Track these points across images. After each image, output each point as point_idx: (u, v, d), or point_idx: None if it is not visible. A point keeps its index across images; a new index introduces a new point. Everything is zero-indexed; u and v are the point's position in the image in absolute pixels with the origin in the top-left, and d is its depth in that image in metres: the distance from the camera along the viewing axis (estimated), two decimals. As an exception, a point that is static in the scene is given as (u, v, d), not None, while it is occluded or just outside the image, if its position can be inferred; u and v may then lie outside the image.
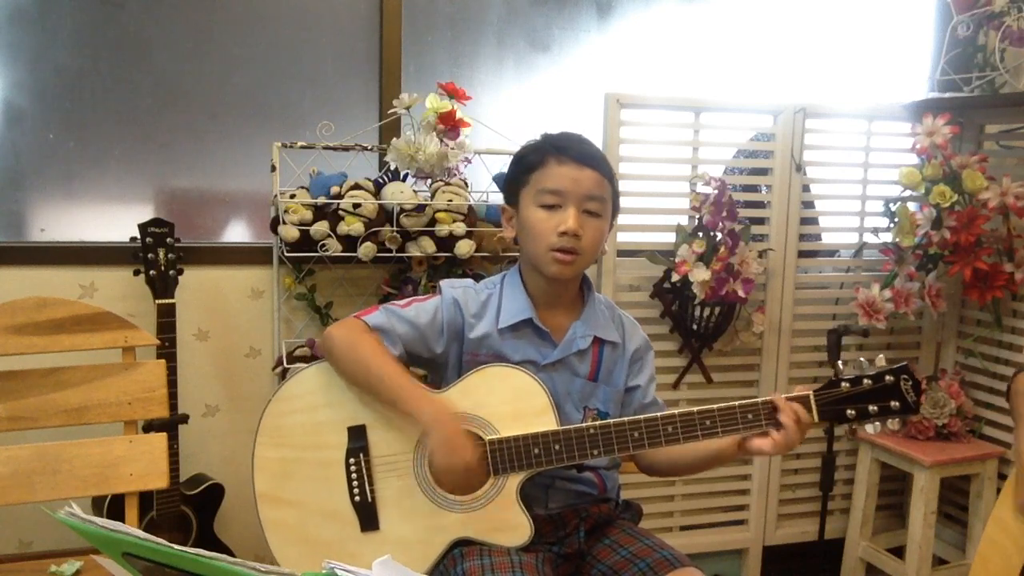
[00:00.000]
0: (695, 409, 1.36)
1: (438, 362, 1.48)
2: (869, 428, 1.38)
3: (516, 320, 1.45)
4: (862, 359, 1.38)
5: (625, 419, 1.37)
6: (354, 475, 1.40)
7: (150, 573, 0.71)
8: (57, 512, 0.73)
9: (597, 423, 1.37)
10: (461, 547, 1.38)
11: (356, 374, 1.40)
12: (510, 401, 1.39)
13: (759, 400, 1.36)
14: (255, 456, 1.43)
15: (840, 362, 1.42)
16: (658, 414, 1.37)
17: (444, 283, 1.50)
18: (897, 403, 1.35)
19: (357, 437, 1.41)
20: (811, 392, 1.36)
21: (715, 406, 1.36)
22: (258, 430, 1.43)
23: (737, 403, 1.36)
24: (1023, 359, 2.35)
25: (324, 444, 1.41)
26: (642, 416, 1.37)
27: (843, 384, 1.36)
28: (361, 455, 1.40)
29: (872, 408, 1.36)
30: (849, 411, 1.36)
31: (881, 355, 1.39)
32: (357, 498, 1.39)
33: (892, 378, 1.35)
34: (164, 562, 0.68)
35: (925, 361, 2.67)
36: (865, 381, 1.36)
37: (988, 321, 2.50)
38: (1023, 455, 1.62)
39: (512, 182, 1.48)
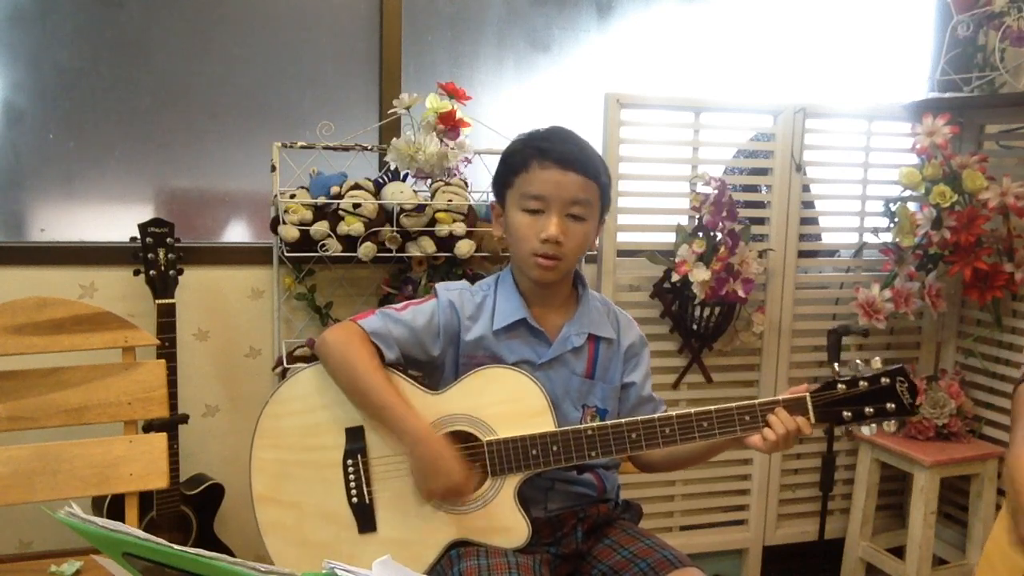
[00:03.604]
0: (692, 411, 1.36)
1: (435, 364, 1.48)
2: (865, 430, 1.38)
3: (511, 321, 1.45)
4: (858, 360, 1.38)
5: (623, 420, 1.37)
6: (352, 476, 1.40)
7: (150, 573, 0.71)
8: (57, 512, 0.73)
9: (595, 424, 1.37)
10: (458, 548, 1.38)
11: (346, 383, 1.41)
12: (508, 402, 1.39)
13: (756, 403, 1.36)
14: (253, 457, 1.42)
15: (836, 364, 1.42)
16: (655, 416, 1.38)
17: (440, 286, 1.50)
18: (893, 405, 1.36)
19: (355, 438, 1.41)
20: (808, 393, 1.36)
21: (712, 407, 1.36)
22: (256, 432, 1.43)
23: (735, 405, 1.36)
24: (1023, 359, 2.35)
25: (322, 445, 1.41)
26: (640, 417, 1.37)
27: (839, 386, 1.36)
28: (359, 456, 1.40)
29: (868, 410, 1.36)
30: (845, 413, 1.36)
31: (877, 357, 1.39)
32: (355, 499, 1.39)
33: (888, 380, 1.36)
34: (164, 562, 0.68)
35: (925, 361, 2.66)
36: (861, 383, 1.36)
37: (988, 321, 2.50)
38: (1014, 472, 1.49)
39: (498, 181, 1.48)
